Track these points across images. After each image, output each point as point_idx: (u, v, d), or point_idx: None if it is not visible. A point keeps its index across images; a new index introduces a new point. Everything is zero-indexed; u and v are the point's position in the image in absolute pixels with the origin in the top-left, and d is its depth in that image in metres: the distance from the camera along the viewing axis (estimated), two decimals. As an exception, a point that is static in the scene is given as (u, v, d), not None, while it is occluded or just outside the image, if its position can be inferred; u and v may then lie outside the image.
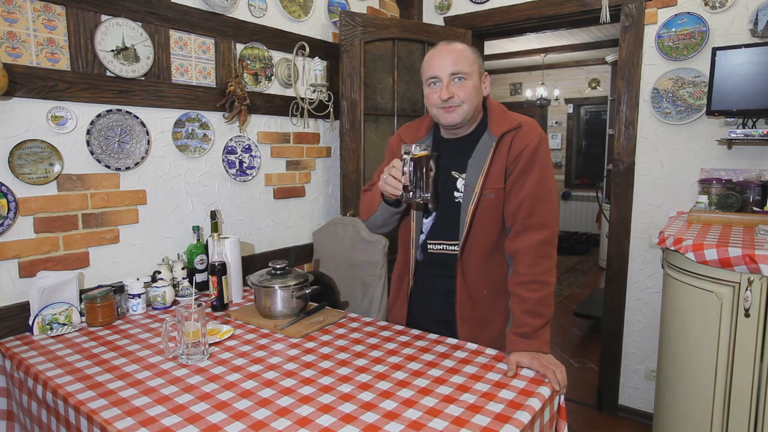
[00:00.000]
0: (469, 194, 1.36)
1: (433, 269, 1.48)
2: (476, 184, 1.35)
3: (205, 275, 1.94)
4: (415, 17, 3.08)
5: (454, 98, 1.33)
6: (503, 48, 6.08)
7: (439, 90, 1.34)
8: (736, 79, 2.05)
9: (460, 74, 1.33)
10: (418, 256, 1.50)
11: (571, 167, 7.80)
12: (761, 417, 1.60)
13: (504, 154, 1.35)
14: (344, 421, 1.01)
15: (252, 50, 2.22)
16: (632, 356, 2.60)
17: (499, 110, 1.42)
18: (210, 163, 2.10)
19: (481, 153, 1.37)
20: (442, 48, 1.37)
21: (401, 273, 1.57)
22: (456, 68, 1.32)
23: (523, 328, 1.26)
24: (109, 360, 1.31)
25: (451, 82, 1.33)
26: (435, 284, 1.49)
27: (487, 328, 1.43)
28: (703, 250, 1.64)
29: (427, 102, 1.41)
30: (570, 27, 2.99)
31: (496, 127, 1.37)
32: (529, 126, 1.37)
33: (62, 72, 1.61)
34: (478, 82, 1.37)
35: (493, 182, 1.35)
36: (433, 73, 1.36)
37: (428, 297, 1.52)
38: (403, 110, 2.79)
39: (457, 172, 1.42)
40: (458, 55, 1.33)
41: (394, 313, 1.61)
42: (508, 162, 1.35)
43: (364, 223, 1.59)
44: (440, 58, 1.35)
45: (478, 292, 1.42)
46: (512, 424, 0.99)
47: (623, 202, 2.53)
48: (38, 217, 1.59)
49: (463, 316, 1.43)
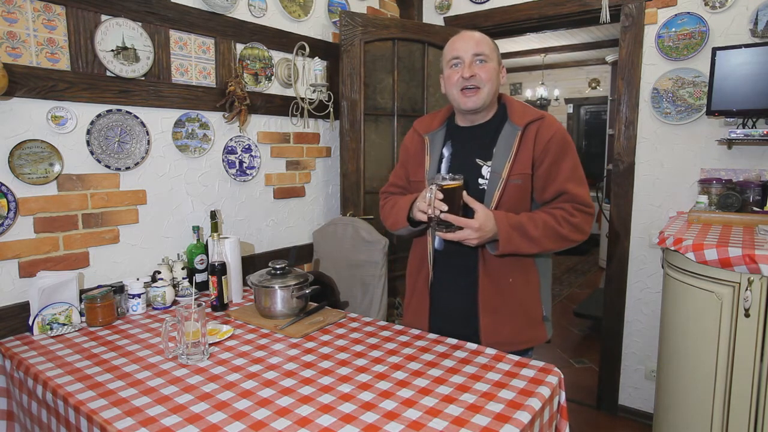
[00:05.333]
0: (495, 180, 1.39)
1: (454, 259, 1.48)
2: (503, 170, 1.39)
3: (205, 275, 1.94)
4: (415, 17, 3.08)
5: (476, 77, 1.39)
6: (503, 48, 6.09)
7: (461, 69, 1.40)
8: (736, 79, 2.05)
9: (482, 56, 1.39)
10: (437, 245, 1.50)
11: (571, 167, 7.78)
12: (761, 417, 1.60)
13: (530, 142, 1.39)
14: (344, 421, 1.01)
15: (252, 50, 2.22)
16: (632, 356, 2.60)
17: (519, 103, 1.49)
18: (210, 163, 2.10)
19: (505, 141, 1.41)
20: (464, 33, 1.45)
21: (418, 265, 1.56)
22: (478, 49, 1.39)
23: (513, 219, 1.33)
24: (109, 360, 1.32)
25: (473, 62, 1.39)
26: (456, 274, 1.48)
27: (513, 319, 1.44)
28: (703, 250, 1.64)
29: (448, 84, 1.45)
30: (570, 27, 2.99)
31: (519, 117, 1.42)
32: (551, 118, 1.45)
33: (62, 72, 1.61)
34: (497, 67, 1.44)
35: (520, 168, 1.39)
36: (456, 53, 1.42)
37: (450, 288, 1.50)
38: (403, 110, 2.79)
39: (481, 159, 1.44)
40: (480, 39, 1.41)
41: (412, 308, 1.58)
42: (536, 150, 1.40)
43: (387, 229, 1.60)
44: (464, 40, 1.42)
45: (503, 279, 1.42)
46: (512, 423, 0.99)
47: (623, 202, 2.53)
48: (38, 217, 1.59)
49: (485, 306, 1.42)
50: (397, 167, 1.69)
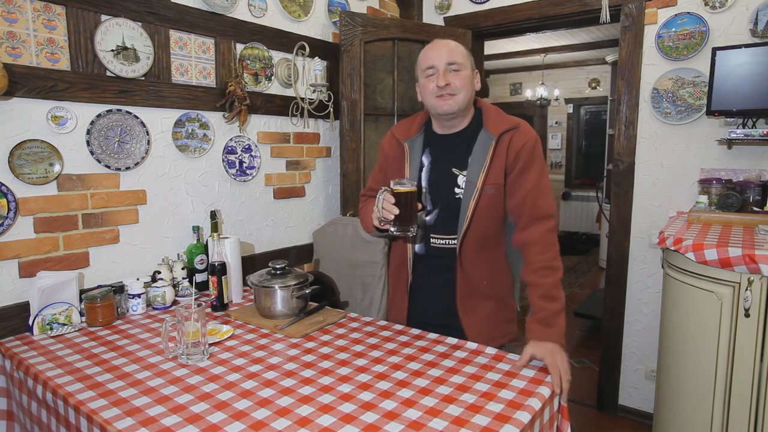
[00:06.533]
0: (471, 190, 1.43)
1: (433, 262, 1.53)
2: (478, 180, 1.42)
3: (205, 275, 1.94)
4: (415, 17, 3.08)
5: (451, 86, 1.41)
6: (503, 48, 6.08)
7: (436, 78, 1.42)
8: (736, 79, 2.05)
9: (455, 64, 1.42)
10: (417, 249, 1.55)
11: (571, 167, 7.80)
12: (761, 417, 1.60)
13: (503, 152, 1.43)
14: (344, 421, 1.01)
15: (252, 50, 2.22)
16: (632, 356, 2.60)
17: (494, 110, 1.51)
18: (210, 163, 2.10)
19: (480, 151, 1.44)
20: (438, 42, 1.47)
21: (399, 268, 1.60)
22: (451, 58, 1.42)
23: (541, 314, 1.31)
24: (109, 360, 1.31)
25: (447, 70, 1.42)
26: (435, 277, 1.53)
27: (489, 317, 1.50)
28: (703, 250, 1.64)
29: (424, 93, 1.48)
30: (570, 27, 2.99)
31: (494, 126, 1.45)
32: (524, 126, 1.47)
33: (62, 72, 1.61)
34: (471, 74, 1.46)
35: (493, 178, 1.43)
36: (430, 62, 1.44)
37: (429, 290, 1.55)
38: (403, 110, 2.79)
39: (457, 169, 1.48)
40: (453, 48, 1.44)
41: (394, 309, 1.64)
42: (508, 159, 1.43)
43: None
44: (437, 50, 1.44)
45: (478, 282, 1.48)
46: (512, 424, 0.99)
47: (623, 202, 2.53)
48: (38, 217, 1.59)
49: (464, 306, 1.48)
50: (375, 171, 1.70)
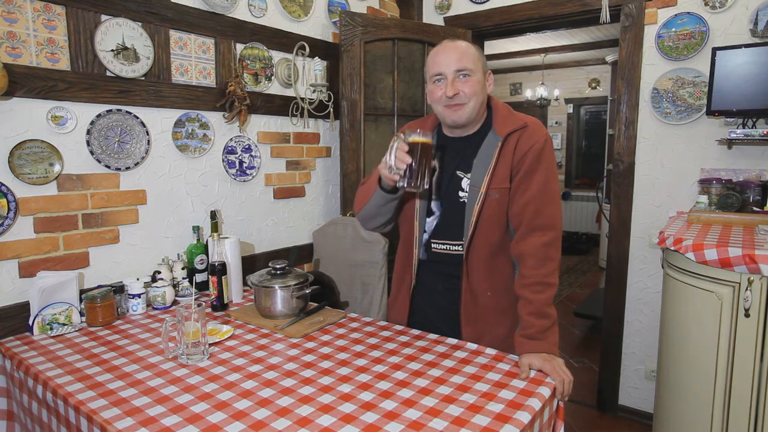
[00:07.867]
0: (475, 194, 1.35)
1: (437, 269, 1.47)
2: (482, 184, 1.34)
3: (205, 275, 1.94)
4: (415, 17, 3.08)
5: (460, 95, 1.32)
6: (503, 48, 6.07)
7: (444, 86, 1.33)
8: (736, 79, 2.05)
9: (465, 71, 1.32)
10: (421, 255, 1.49)
11: (571, 167, 7.80)
12: (761, 417, 1.60)
13: (509, 154, 1.34)
14: (344, 421, 1.01)
15: (252, 50, 2.22)
16: (632, 356, 2.60)
17: (504, 110, 1.42)
18: (210, 163, 2.10)
19: (486, 153, 1.36)
20: (447, 45, 1.36)
21: (403, 272, 1.55)
22: (461, 65, 1.32)
23: (530, 330, 1.26)
24: (109, 360, 1.31)
25: (456, 78, 1.33)
26: (439, 284, 1.47)
27: (492, 330, 1.42)
28: (703, 250, 1.64)
29: (431, 98, 1.39)
30: (570, 27, 2.99)
31: (501, 126, 1.37)
32: (534, 126, 1.37)
33: (62, 72, 1.61)
34: (482, 78, 1.37)
35: (498, 182, 1.34)
36: (438, 69, 1.35)
37: (431, 297, 1.50)
38: (403, 110, 2.79)
39: (462, 171, 1.41)
40: (463, 52, 1.33)
41: (394, 312, 1.60)
42: (513, 162, 1.34)
43: (357, 216, 1.55)
44: (445, 55, 1.34)
45: (482, 293, 1.41)
46: (512, 424, 0.99)
47: (623, 202, 2.53)
48: (38, 217, 1.59)
49: (468, 317, 1.41)
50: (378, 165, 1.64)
